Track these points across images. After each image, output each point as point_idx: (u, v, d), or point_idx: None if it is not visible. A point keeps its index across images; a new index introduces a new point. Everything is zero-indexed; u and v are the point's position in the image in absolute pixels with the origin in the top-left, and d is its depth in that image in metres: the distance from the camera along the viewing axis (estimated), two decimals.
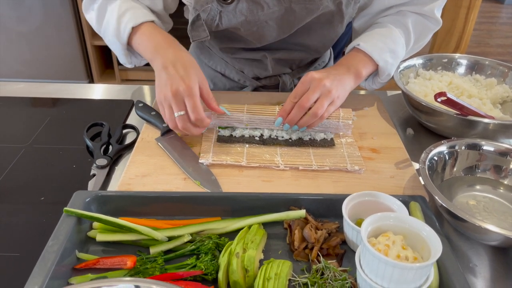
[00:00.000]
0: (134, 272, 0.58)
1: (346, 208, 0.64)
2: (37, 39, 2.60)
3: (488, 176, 0.79)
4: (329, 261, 0.60)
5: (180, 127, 0.78)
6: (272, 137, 0.86)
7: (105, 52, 2.87)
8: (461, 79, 1.04)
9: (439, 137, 0.93)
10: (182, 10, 1.05)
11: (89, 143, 0.86)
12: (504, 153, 0.78)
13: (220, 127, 0.86)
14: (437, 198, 0.66)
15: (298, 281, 0.58)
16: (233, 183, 0.76)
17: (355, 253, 0.59)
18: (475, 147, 0.79)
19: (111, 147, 0.86)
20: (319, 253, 0.62)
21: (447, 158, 0.78)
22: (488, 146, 0.79)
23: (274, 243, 0.65)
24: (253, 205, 0.68)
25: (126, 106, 1.01)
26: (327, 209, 0.69)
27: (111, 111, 1.00)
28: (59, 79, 2.72)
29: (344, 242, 0.65)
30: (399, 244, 0.55)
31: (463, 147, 0.79)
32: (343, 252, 0.64)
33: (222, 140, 0.85)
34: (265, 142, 0.85)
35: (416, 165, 0.82)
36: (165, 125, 0.88)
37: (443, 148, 0.78)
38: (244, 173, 0.79)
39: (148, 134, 0.88)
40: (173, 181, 0.76)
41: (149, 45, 0.84)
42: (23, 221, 0.70)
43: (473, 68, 1.07)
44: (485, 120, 0.83)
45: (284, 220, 0.67)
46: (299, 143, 0.86)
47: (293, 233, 0.64)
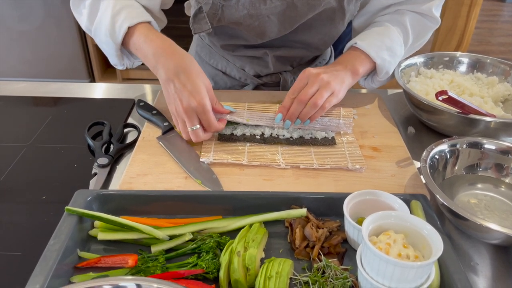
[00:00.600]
0: (136, 271, 0.59)
1: (347, 206, 0.64)
2: (38, 38, 2.60)
3: (489, 174, 0.79)
4: (330, 260, 0.60)
5: (194, 140, 0.80)
6: (273, 135, 0.86)
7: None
8: (462, 77, 1.04)
9: (440, 135, 0.93)
10: (181, 10, 1.05)
11: (90, 142, 0.86)
12: (505, 152, 0.78)
13: None
14: (438, 196, 0.65)
15: (299, 279, 0.58)
16: (234, 182, 0.76)
17: (356, 251, 0.59)
18: (476, 145, 0.79)
19: (112, 146, 0.86)
20: (320, 251, 0.62)
21: (448, 156, 0.78)
22: (489, 145, 0.79)
23: (275, 242, 0.65)
24: (254, 203, 0.68)
25: (127, 105, 1.02)
26: (328, 207, 0.69)
27: (112, 110, 1.00)
28: (60, 78, 2.73)
29: (345, 241, 0.65)
30: (400, 243, 0.55)
31: (464, 146, 0.79)
32: (344, 251, 0.64)
33: (223, 139, 0.85)
34: (266, 140, 0.85)
35: (417, 164, 0.82)
36: (166, 124, 0.88)
37: (444, 146, 0.78)
38: (245, 171, 0.79)
39: (149, 133, 0.88)
40: (174, 180, 0.76)
41: (148, 51, 0.81)
42: (25, 220, 0.70)
43: (475, 66, 1.07)
44: (487, 119, 0.83)
45: (285, 219, 0.67)
46: (300, 141, 0.86)
47: (294, 232, 0.64)
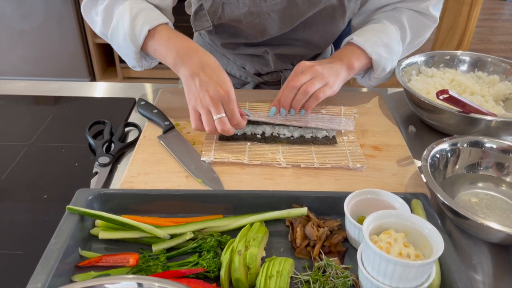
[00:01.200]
0: (137, 270, 0.59)
1: (348, 205, 0.64)
2: (39, 37, 2.60)
3: (490, 173, 0.79)
4: (331, 259, 0.60)
5: (220, 129, 0.78)
6: (274, 135, 0.86)
7: (107, 50, 2.87)
8: (463, 76, 1.04)
9: (441, 134, 0.93)
10: (181, 8, 1.05)
11: (91, 141, 0.86)
12: (506, 151, 0.78)
13: None
14: (439, 195, 0.65)
15: (300, 278, 0.59)
16: (235, 181, 0.76)
17: (357, 250, 0.59)
18: (477, 144, 0.79)
19: (113, 145, 0.86)
20: (321, 250, 0.62)
21: (449, 155, 0.78)
22: (490, 144, 0.79)
23: (276, 241, 0.65)
24: (255, 202, 0.68)
25: (128, 104, 1.02)
26: (329, 206, 0.69)
27: (113, 109, 1.00)
28: (61, 77, 2.73)
29: (346, 240, 0.65)
30: (401, 242, 0.55)
31: (465, 145, 0.79)
32: (345, 250, 0.64)
33: (224, 138, 0.85)
34: (267, 140, 0.85)
35: (418, 163, 0.82)
36: (167, 123, 0.88)
37: (445, 145, 0.77)
38: (246, 171, 0.79)
39: (150, 132, 0.88)
40: (175, 179, 0.76)
41: (170, 51, 0.83)
42: (26, 219, 0.70)
43: (476, 65, 1.07)
44: (488, 118, 0.83)
45: (286, 218, 0.67)
46: (301, 141, 0.86)
47: (295, 231, 0.64)
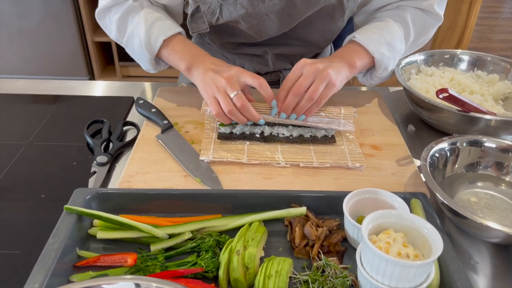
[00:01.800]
0: (135, 270, 0.58)
1: (347, 205, 0.63)
2: (37, 35, 2.60)
3: (489, 173, 0.79)
4: (330, 259, 0.60)
5: (239, 105, 0.79)
6: (273, 134, 0.86)
7: (106, 48, 2.86)
8: (463, 75, 1.03)
9: (440, 133, 0.92)
10: None
11: (89, 140, 0.86)
12: (506, 150, 0.78)
13: (220, 124, 0.86)
14: (438, 195, 0.65)
15: (299, 278, 0.58)
16: (233, 180, 0.76)
17: (356, 250, 0.59)
18: (476, 143, 0.79)
19: (111, 144, 0.86)
20: (319, 250, 0.62)
21: (448, 155, 0.78)
22: (489, 143, 0.79)
23: (275, 241, 0.65)
24: (253, 202, 0.68)
25: (126, 103, 1.01)
26: (328, 206, 0.69)
27: (111, 108, 1.00)
28: (59, 75, 2.73)
29: (345, 240, 0.65)
30: (400, 242, 0.55)
31: (464, 144, 0.79)
32: (344, 250, 0.64)
33: (222, 137, 0.85)
34: (265, 139, 0.85)
35: (418, 162, 0.81)
36: (165, 122, 0.88)
37: (444, 145, 0.77)
38: (244, 170, 0.78)
39: (149, 131, 0.88)
40: (174, 178, 0.76)
41: (184, 57, 0.88)
42: (24, 218, 0.70)
43: (475, 64, 1.06)
44: (487, 117, 0.83)
45: (284, 218, 0.67)
46: (300, 140, 0.85)
47: (294, 231, 0.64)
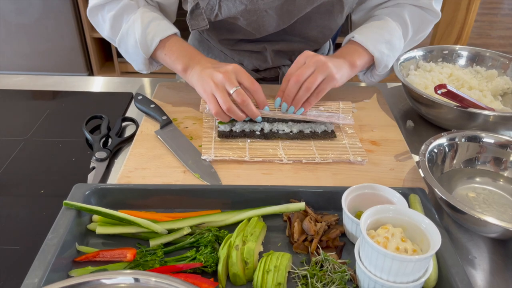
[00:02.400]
0: (134, 265, 0.59)
1: (346, 200, 0.64)
2: (36, 31, 2.59)
3: (488, 168, 0.79)
4: (328, 254, 0.61)
5: (240, 101, 0.78)
6: (273, 131, 0.86)
7: (104, 44, 2.85)
8: (461, 71, 1.04)
9: (439, 129, 0.93)
10: (180, 1, 1.04)
11: (88, 136, 0.86)
12: (504, 145, 0.78)
13: (219, 122, 0.85)
14: (436, 190, 0.65)
15: (298, 273, 0.59)
16: (232, 176, 0.76)
17: (354, 245, 0.59)
18: (475, 139, 0.79)
19: (110, 140, 0.86)
20: (318, 245, 0.62)
21: (447, 150, 0.78)
22: (488, 138, 0.79)
23: (274, 236, 0.65)
24: (252, 197, 0.68)
25: (125, 99, 1.01)
26: (326, 201, 0.69)
27: (110, 103, 1.00)
28: (58, 71, 2.72)
29: (343, 235, 0.66)
30: (398, 237, 0.55)
31: (463, 139, 0.79)
32: (342, 245, 0.64)
33: (222, 135, 0.84)
34: (266, 136, 0.85)
35: (416, 158, 0.82)
36: (164, 117, 0.88)
37: (443, 140, 0.77)
38: (243, 165, 0.79)
39: (148, 127, 0.87)
40: (173, 173, 0.76)
41: (181, 58, 0.88)
42: (23, 214, 0.70)
43: (474, 59, 1.06)
44: (485, 112, 0.83)
45: (283, 213, 0.67)
46: (301, 136, 0.85)
47: (293, 226, 0.64)
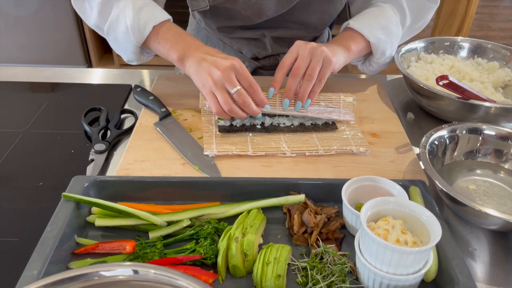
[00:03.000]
0: (134, 257, 0.59)
1: (346, 192, 0.63)
2: (34, 23, 2.57)
3: (488, 160, 0.79)
4: (328, 246, 0.60)
5: (241, 102, 0.77)
6: (274, 124, 0.85)
7: (103, 36, 2.84)
8: (463, 62, 1.03)
9: (440, 121, 0.92)
10: None
11: (87, 128, 0.86)
12: (505, 137, 0.78)
13: (219, 117, 0.84)
14: (437, 182, 0.65)
15: (297, 265, 0.59)
16: (232, 168, 0.76)
17: (354, 237, 0.59)
18: (476, 131, 0.79)
19: (109, 132, 0.85)
20: (318, 237, 0.62)
21: (447, 142, 0.78)
22: (489, 130, 0.78)
23: (273, 228, 0.65)
24: (252, 190, 0.68)
25: (124, 91, 1.01)
26: (326, 193, 0.68)
27: (109, 95, 0.99)
28: (57, 64, 2.71)
29: (343, 227, 0.65)
30: (398, 229, 0.55)
31: (464, 132, 0.78)
32: (342, 237, 0.64)
33: (223, 130, 0.83)
34: (267, 129, 0.84)
35: (417, 150, 0.81)
36: (163, 109, 0.87)
37: (444, 132, 0.77)
38: (243, 158, 0.78)
39: (147, 119, 0.87)
40: (172, 166, 0.75)
41: (176, 46, 0.83)
42: (22, 206, 0.70)
43: (476, 51, 1.06)
44: (487, 104, 0.82)
45: (283, 205, 0.67)
46: (302, 128, 0.85)
47: (292, 218, 0.64)
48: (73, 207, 0.62)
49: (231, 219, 0.64)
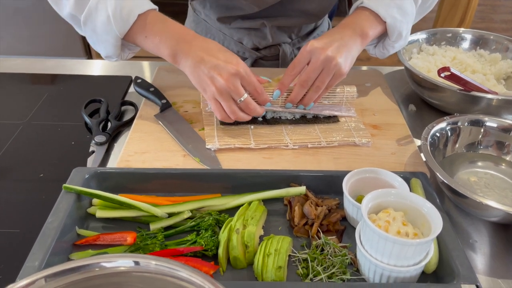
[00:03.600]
0: (134, 248, 0.59)
1: (347, 184, 0.63)
2: (34, 15, 2.56)
3: (490, 152, 0.79)
4: (329, 237, 0.60)
5: (247, 108, 0.74)
6: (275, 117, 0.84)
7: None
8: (465, 54, 1.02)
9: (441, 113, 0.92)
10: None
11: (87, 119, 0.85)
12: (507, 129, 0.77)
13: None
14: (438, 174, 0.65)
15: (298, 256, 0.59)
16: (233, 160, 0.76)
17: (355, 229, 0.59)
18: (478, 123, 0.78)
19: (109, 124, 0.85)
20: (319, 229, 0.62)
21: (449, 134, 0.77)
22: (491, 122, 0.78)
23: (274, 220, 0.65)
24: (253, 181, 0.68)
25: (124, 82, 1.00)
26: (327, 185, 0.68)
27: (109, 87, 0.99)
28: (57, 55, 2.69)
29: (344, 219, 0.65)
30: (399, 220, 0.55)
31: (465, 123, 0.78)
32: (343, 228, 0.64)
33: (224, 123, 0.82)
34: (269, 122, 0.83)
35: (418, 142, 0.81)
36: (164, 101, 0.87)
37: (445, 124, 0.77)
38: (244, 149, 0.78)
39: (147, 111, 0.87)
40: (173, 157, 0.75)
41: (167, 40, 0.75)
42: (23, 197, 0.70)
43: (478, 43, 1.05)
44: (489, 96, 0.82)
45: (284, 197, 0.67)
46: (303, 121, 0.84)
47: (293, 210, 0.64)
48: (74, 199, 0.62)
49: (232, 211, 0.64)
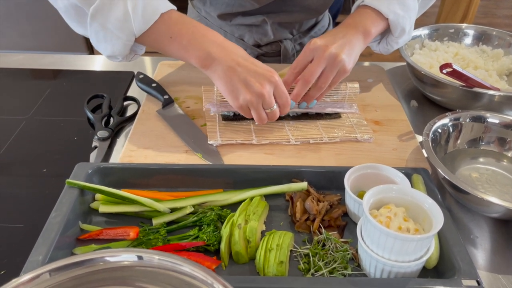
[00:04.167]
0: (137, 243, 0.59)
1: (348, 180, 0.63)
2: (36, 10, 2.55)
3: (491, 148, 0.79)
4: (330, 233, 0.61)
5: (271, 119, 0.76)
6: None
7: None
8: (467, 50, 1.02)
9: (443, 109, 0.92)
10: None
11: (90, 115, 0.86)
12: (509, 126, 0.77)
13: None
14: (440, 170, 0.65)
15: (300, 252, 0.59)
16: (235, 156, 0.76)
17: (356, 225, 0.59)
18: (479, 119, 0.78)
19: (112, 119, 0.85)
20: (320, 224, 0.62)
21: (451, 130, 0.77)
22: (493, 119, 0.78)
23: (276, 215, 0.65)
24: (255, 177, 0.68)
25: (127, 78, 1.00)
26: (329, 181, 0.69)
27: (111, 82, 0.99)
28: (59, 50, 2.69)
29: (345, 214, 0.66)
30: (400, 216, 0.55)
31: (467, 120, 0.78)
32: (344, 224, 0.64)
33: (226, 118, 0.83)
34: None
35: (420, 138, 0.81)
36: (166, 96, 0.87)
37: (447, 120, 0.77)
38: (246, 145, 0.78)
39: (149, 106, 0.87)
40: (175, 153, 0.76)
41: (196, 45, 0.71)
42: (26, 193, 0.70)
43: (480, 38, 1.05)
44: (491, 92, 0.82)
45: (286, 192, 0.67)
46: (305, 116, 0.84)
47: (295, 205, 0.64)
48: (77, 194, 0.62)
49: (234, 206, 0.64)
